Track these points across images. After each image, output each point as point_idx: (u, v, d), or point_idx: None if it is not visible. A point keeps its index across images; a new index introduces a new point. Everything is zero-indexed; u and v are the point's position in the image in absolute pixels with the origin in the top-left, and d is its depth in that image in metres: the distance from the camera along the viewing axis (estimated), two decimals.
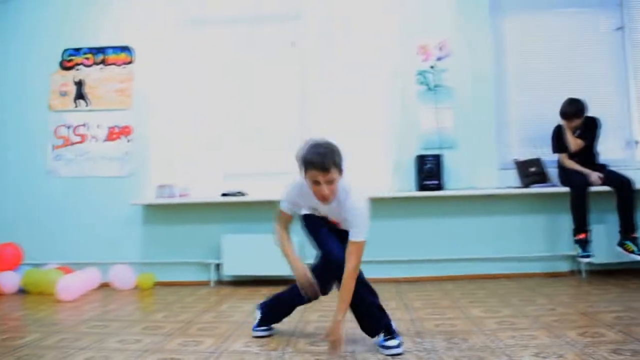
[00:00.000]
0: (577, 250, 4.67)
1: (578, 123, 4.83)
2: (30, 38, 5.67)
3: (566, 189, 4.82)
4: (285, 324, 3.31)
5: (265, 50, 5.47)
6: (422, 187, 4.99)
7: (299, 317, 3.52)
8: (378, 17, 5.41)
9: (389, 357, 2.69)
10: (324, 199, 2.71)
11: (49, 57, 5.62)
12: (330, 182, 2.67)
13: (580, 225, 4.65)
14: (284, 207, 2.99)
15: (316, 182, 2.67)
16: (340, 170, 2.71)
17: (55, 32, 5.63)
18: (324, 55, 5.41)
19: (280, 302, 3.23)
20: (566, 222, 4.88)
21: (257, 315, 3.26)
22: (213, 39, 5.59)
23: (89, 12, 5.64)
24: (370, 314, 2.92)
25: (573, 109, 4.80)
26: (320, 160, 2.61)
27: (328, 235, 2.99)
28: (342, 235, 2.88)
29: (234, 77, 5.52)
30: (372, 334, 2.92)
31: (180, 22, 5.59)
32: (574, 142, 4.84)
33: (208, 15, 5.59)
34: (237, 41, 5.57)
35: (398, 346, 2.74)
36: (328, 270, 2.89)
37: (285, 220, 3.03)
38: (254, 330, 3.21)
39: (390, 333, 2.81)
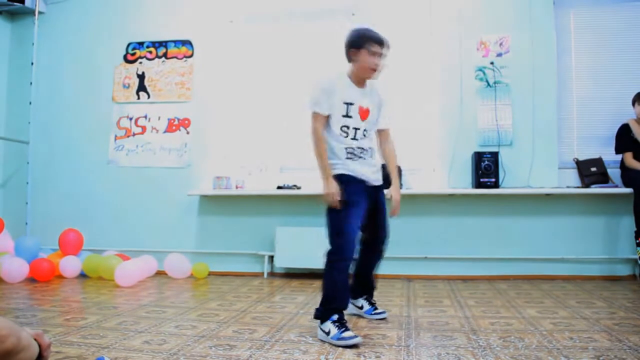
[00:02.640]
0: (639, 254, 4.53)
1: None
2: (98, 32, 5.88)
3: (628, 190, 4.68)
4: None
5: (322, 45, 5.48)
6: (478, 185, 4.92)
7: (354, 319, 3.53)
8: (438, 11, 5.35)
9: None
10: (374, 70, 3.07)
11: (114, 50, 5.82)
12: (382, 58, 3.09)
13: None
14: (318, 107, 3.06)
15: (374, 54, 3.04)
16: None
17: (121, 26, 5.83)
18: None
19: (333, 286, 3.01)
20: (627, 224, 4.76)
21: (326, 325, 2.90)
22: (271, 34, 5.66)
23: (152, 7, 5.79)
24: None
25: None
26: (385, 37, 3.11)
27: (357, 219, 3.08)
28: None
29: (290, 72, 5.56)
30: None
31: (240, 17, 5.68)
32: None
33: (266, 10, 5.65)
34: (295, 36, 5.62)
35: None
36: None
37: (322, 124, 3.08)
38: (338, 340, 2.79)
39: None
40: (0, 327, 1.70)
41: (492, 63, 5.17)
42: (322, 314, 2.96)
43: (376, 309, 3.47)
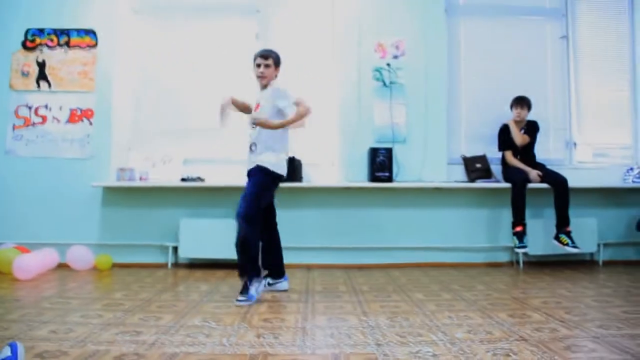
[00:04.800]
0: (514, 242, 5.01)
1: (526, 114, 5.23)
2: None
3: (507, 185, 5.16)
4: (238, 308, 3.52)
5: (229, 41, 5.62)
6: (373, 179, 5.23)
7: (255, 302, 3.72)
8: (339, 13, 5.61)
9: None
10: (261, 77, 3.91)
11: (11, 36, 5.58)
12: (267, 67, 3.89)
13: (518, 219, 5.00)
14: None
15: (258, 65, 3.91)
16: (277, 66, 3.98)
17: (19, 12, 5.60)
18: (284, 49, 5.57)
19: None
20: (507, 215, 5.21)
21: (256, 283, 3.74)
22: (177, 28, 5.71)
23: None
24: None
25: (526, 98, 5.23)
26: (263, 50, 4.01)
27: None
28: None
29: (196, 66, 5.64)
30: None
31: (146, 9, 5.71)
32: (520, 138, 5.17)
33: (173, 4, 5.71)
34: (201, 31, 5.70)
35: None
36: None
37: None
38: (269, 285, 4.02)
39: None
40: None
41: (388, 64, 5.50)
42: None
43: None
